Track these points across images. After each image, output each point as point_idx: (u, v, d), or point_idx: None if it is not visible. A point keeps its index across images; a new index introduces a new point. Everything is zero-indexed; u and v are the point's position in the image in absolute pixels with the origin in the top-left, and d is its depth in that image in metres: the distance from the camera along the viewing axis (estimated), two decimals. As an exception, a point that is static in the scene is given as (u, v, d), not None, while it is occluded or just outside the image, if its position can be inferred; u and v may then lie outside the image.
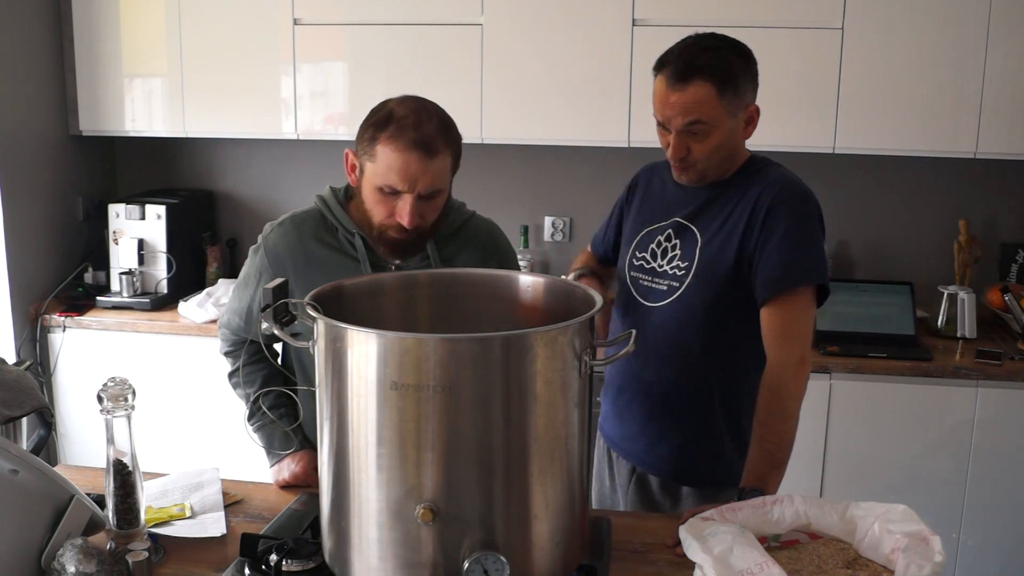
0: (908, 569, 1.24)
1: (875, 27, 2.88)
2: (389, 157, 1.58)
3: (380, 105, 1.65)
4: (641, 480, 1.92)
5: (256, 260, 1.80)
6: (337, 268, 1.71)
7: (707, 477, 1.85)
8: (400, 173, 1.58)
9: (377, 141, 1.59)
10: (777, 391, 1.69)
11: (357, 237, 1.72)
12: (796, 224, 1.72)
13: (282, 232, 1.77)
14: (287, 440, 1.80)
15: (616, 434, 1.96)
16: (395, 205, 1.62)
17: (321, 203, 1.78)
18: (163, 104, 3.30)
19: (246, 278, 1.82)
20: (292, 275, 1.72)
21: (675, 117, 1.70)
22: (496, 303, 1.51)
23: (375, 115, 1.63)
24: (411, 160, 1.57)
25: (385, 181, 1.60)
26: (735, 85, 1.70)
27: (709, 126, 1.70)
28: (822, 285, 1.74)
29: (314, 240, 1.75)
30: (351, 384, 1.21)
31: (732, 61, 1.71)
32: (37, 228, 3.28)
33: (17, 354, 3.16)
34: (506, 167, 3.47)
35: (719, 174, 1.79)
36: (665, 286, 1.81)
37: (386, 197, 1.62)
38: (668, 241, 1.83)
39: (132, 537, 1.40)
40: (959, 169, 3.21)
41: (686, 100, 1.68)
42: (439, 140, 1.61)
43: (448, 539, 1.19)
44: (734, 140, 1.75)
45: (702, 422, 1.84)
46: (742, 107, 1.73)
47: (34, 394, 1.58)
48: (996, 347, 2.91)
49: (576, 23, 3.01)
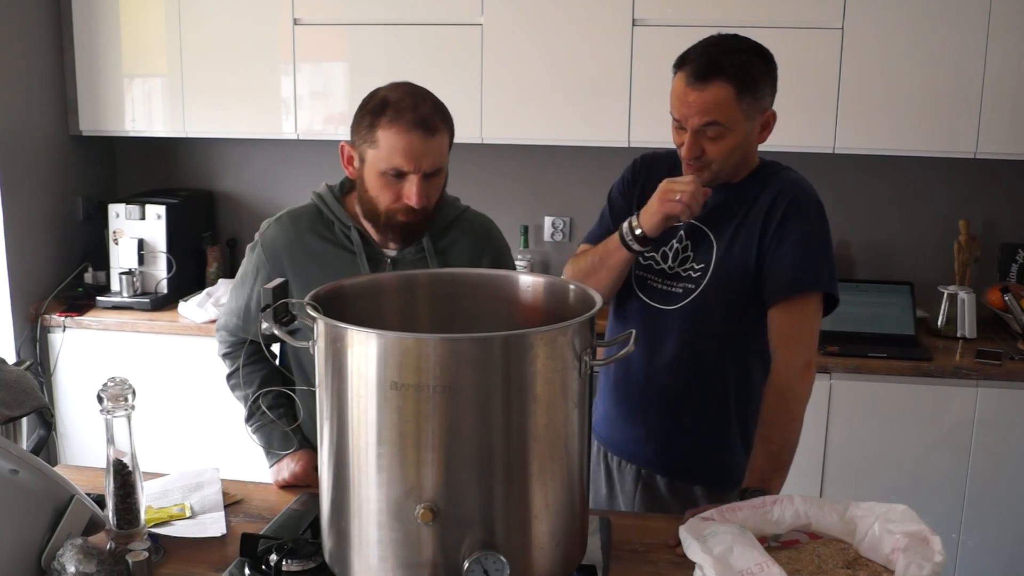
0: (908, 569, 1.24)
1: (875, 27, 2.88)
2: (392, 140, 1.60)
3: (371, 94, 1.66)
4: (648, 483, 1.91)
5: (253, 257, 1.81)
6: (334, 261, 1.73)
7: (719, 477, 1.85)
8: (404, 154, 1.60)
9: (377, 127, 1.61)
10: (783, 393, 1.69)
11: (353, 230, 1.74)
12: (811, 229, 1.73)
13: (279, 227, 1.79)
14: (286, 440, 1.80)
15: (621, 438, 1.94)
16: (401, 188, 1.63)
17: (317, 199, 1.79)
18: (163, 104, 3.30)
19: (243, 276, 1.83)
20: (289, 270, 1.73)
21: (692, 116, 1.68)
22: (496, 303, 1.51)
23: (369, 103, 1.65)
24: (414, 140, 1.60)
25: (390, 164, 1.61)
26: (754, 88, 1.68)
27: (725, 128, 1.68)
28: (831, 294, 1.75)
29: (311, 234, 1.76)
30: (351, 384, 1.21)
31: (754, 64, 1.69)
32: (37, 228, 3.28)
33: (17, 354, 3.16)
34: (506, 167, 3.47)
35: (730, 176, 1.78)
36: (681, 289, 1.80)
37: (391, 181, 1.63)
38: (680, 243, 1.82)
39: (132, 537, 1.40)
40: (959, 169, 3.21)
41: (705, 100, 1.66)
42: (436, 118, 1.63)
43: (448, 539, 1.19)
44: (749, 144, 1.74)
45: (716, 423, 1.84)
46: (760, 111, 1.72)
47: (34, 394, 1.58)
48: (996, 347, 2.91)
49: (576, 23, 3.01)
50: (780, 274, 1.72)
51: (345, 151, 1.70)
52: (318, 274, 1.69)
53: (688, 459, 1.86)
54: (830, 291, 1.74)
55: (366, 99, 1.66)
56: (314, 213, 1.78)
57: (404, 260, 1.76)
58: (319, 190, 1.80)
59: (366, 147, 1.63)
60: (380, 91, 1.66)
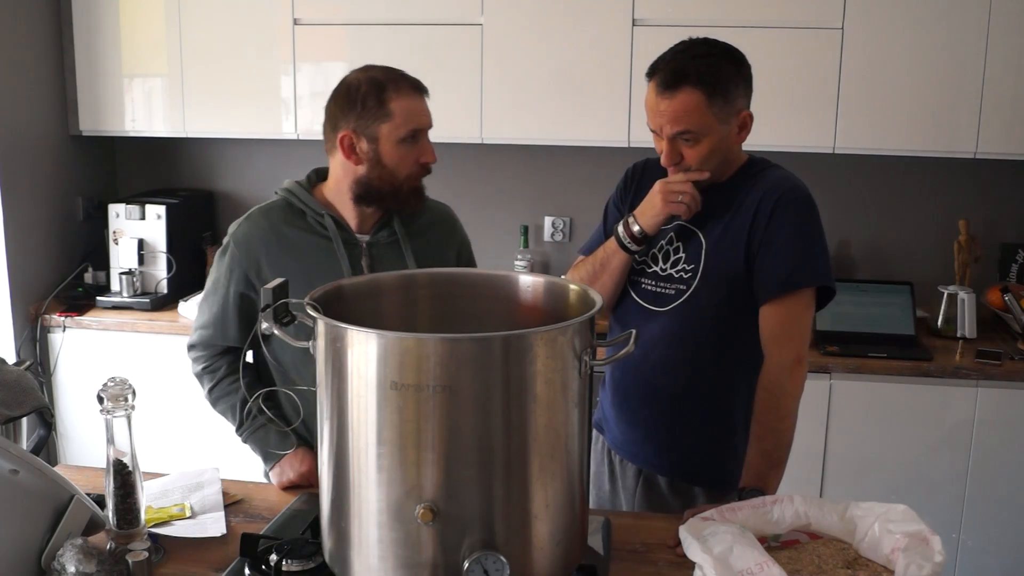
0: (908, 569, 1.24)
1: (875, 27, 2.88)
2: (407, 104, 1.72)
3: (349, 84, 1.74)
4: (649, 482, 1.91)
5: (226, 259, 1.81)
6: (310, 250, 1.77)
7: (719, 477, 1.85)
8: (421, 112, 1.75)
9: (387, 100, 1.70)
10: (773, 390, 1.69)
11: (327, 217, 1.78)
12: (802, 225, 1.73)
13: (251, 223, 1.81)
14: (284, 439, 1.80)
15: (622, 438, 1.94)
16: (418, 150, 1.75)
17: (285, 192, 1.83)
18: (163, 104, 3.30)
19: (215, 283, 1.83)
20: (266, 263, 1.76)
21: (665, 125, 1.70)
22: (496, 303, 1.51)
23: (357, 89, 1.72)
24: (421, 100, 1.76)
25: (414, 126, 1.73)
26: (725, 92, 1.69)
27: (699, 134, 1.69)
28: (826, 287, 1.75)
29: (284, 225, 1.79)
30: (351, 384, 1.21)
31: (722, 68, 1.69)
32: (37, 228, 3.28)
33: (17, 354, 3.16)
34: (506, 167, 3.47)
35: (715, 177, 1.78)
36: (673, 290, 1.81)
37: (410, 146, 1.74)
38: (670, 244, 1.83)
39: (132, 537, 1.40)
40: (959, 169, 3.21)
41: (675, 108, 1.68)
42: (420, 82, 1.78)
43: (448, 539, 1.19)
44: (727, 146, 1.75)
45: (714, 422, 1.84)
46: (734, 114, 1.72)
47: (34, 394, 1.58)
48: (996, 347, 2.91)
49: (576, 23, 3.01)
50: (770, 273, 1.72)
51: (346, 141, 1.73)
52: (294, 265, 1.74)
53: (688, 459, 1.87)
54: (824, 284, 1.75)
55: (346, 88, 1.73)
56: (284, 207, 1.82)
57: (378, 244, 1.81)
58: (285, 185, 1.84)
59: (378, 124, 1.71)
60: (356, 77, 1.74)
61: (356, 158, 1.74)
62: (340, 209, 1.81)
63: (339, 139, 1.73)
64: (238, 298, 1.80)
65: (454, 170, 3.46)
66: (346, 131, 1.72)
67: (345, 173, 1.77)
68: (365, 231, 1.82)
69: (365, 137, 1.72)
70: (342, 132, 1.73)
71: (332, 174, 1.82)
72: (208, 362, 1.87)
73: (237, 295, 1.80)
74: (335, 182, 1.81)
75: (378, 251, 1.81)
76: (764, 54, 2.96)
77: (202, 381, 1.89)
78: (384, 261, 1.81)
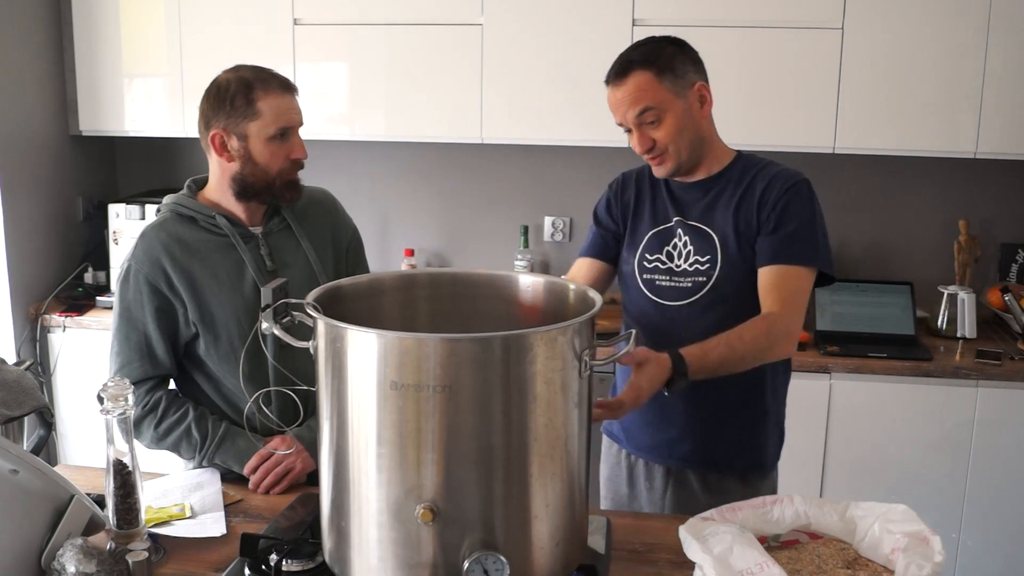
0: (908, 569, 1.24)
1: (875, 27, 2.88)
2: (275, 103, 1.75)
3: (219, 83, 1.78)
4: (680, 480, 1.90)
5: (131, 282, 1.78)
6: (210, 248, 1.79)
7: (753, 462, 1.88)
8: (290, 111, 1.78)
9: (255, 100, 1.74)
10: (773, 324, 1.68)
11: (218, 216, 1.81)
12: (806, 209, 1.77)
13: (146, 240, 1.81)
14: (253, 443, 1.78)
15: (650, 442, 1.91)
16: (288, 147, 1.78)
17: (171, 204, 1.85)
18: (163, 104, 3.30)
19: (127, 310, 1.78)
20: (172, 270, 1.77)
21: (626, 111, 1.76)
22: (496, 303, 1.51)
23: (226, 90, 1.76)
24: (290, 98, 1.79)
25: (283, 124, 1.76)
26: (672, 67, 1.75)
27: (659, 110, 1.75)
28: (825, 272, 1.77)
29: (182, 231, 1.81)
30: (351, 384, 1.21)
31: (664, 48, 1.77)
32: (37, 228, 3.28)
33: (17, 354, 3.16)
34: (506, 167, 3.47)
35: (696, 161, 1.81)
36: (690, 283, 1.81)
37: (279, 144, 1.77)
38: (680, 240, 1.84)
39: (132, 537, 1.40)
40: (959, 169, 3.21)
41: (629, 91, 1.75)
42: (290, 81, 1.82)
43: (448, 539, 1.19)
44: (694, 121, 1.78)
45: (747, 410, 1.85)
46: (688, 86, 1.77)
47: (34, 394, 1.58)
48: (996, 347, 2.91)
49: (576, 23, 3.01)
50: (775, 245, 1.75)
51: (217, 139, 1.77)
52: (199, 266, 1.77)
53: (723, 450, 1.86)
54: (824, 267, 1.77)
55: (216, 88, 1.78)
56: (173, 218, 1.83)
57: (272, 232, 1.86)
58: (167, 201, 1.86)
59: (247, 123, 1.74)
60: (226, 78, 1.78)
61: (228, 155, 1.78)
62: (227, 207, 1.83)
63: (211, 138, 1.78)
64: (155, 316, 1.76)
65: (454, 170, 3.47)
66: (217, 130, 1.76)
67: (223, 171, 1.81)
68: (257, 223, 1.86)
69: (235, 135, 1.76)
70: (213, 131, 1.77)
71: (211, 174, 1.85)
72: (146, 397, 1.79)
73: (153, 313, 1.76)
74: (216, 181, 1.84)
75: (274, 239, 1.86)
76: (764, 54, 2.97)
77: (141, 425, 1.79)
78: (283, 248, 1.86)
